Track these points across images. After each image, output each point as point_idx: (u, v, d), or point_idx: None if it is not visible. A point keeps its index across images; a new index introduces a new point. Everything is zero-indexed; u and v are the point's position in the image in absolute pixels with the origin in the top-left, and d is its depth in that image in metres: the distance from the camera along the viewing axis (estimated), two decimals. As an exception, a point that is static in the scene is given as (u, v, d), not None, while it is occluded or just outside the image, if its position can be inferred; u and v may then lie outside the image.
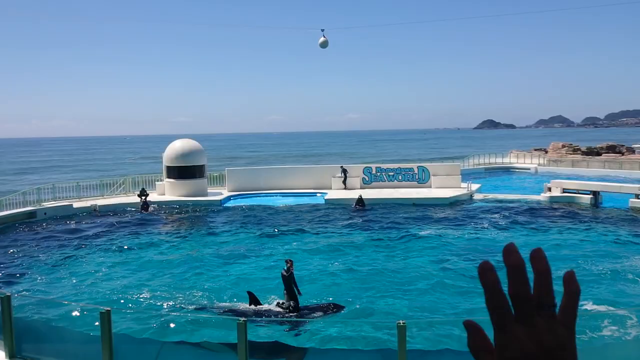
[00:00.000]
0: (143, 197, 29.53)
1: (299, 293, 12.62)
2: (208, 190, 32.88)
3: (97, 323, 7.99)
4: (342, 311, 12.72)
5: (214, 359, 8.63)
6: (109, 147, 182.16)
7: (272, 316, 12.44)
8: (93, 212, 28.10)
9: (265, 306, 13.00)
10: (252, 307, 12.83)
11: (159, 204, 29.95)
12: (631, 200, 26.13)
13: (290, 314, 12.35)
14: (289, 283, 12.48)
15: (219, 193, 32.59)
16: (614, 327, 10.80)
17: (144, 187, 31.73)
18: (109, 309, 7.50)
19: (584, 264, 16.14)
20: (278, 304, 12.83)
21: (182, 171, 31.74)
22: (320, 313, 12.64)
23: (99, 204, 29.20)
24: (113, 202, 29.85)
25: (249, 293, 13.13)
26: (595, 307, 12.17)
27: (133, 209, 28.72)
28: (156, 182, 33.20)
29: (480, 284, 0.79)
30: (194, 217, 27.06)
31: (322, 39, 27.25)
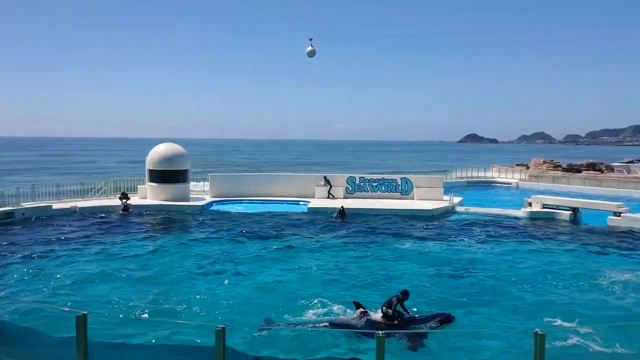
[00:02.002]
0: (124, 200, 29.27)
1: (407, 312, 12.38)
2: (190, 196, 32.71)
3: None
4: (451, 322, 12.37)
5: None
6: (89, 150, 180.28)
7: (383, 327, 11.74)
8: (73, 214, 27.78)
9: (372, 316, 12.38)
10: (355, 318, 12.34)
11: (141, 207, 29.70)
12: (609, 217, 26.52)
13: (397, 324, 11.94)
14: (397, 304, 12.18)
15: (201, 198, 32.42)
16: (580, 343, 10.93)
17: (125, 190, 31.50)
18: (85, 312, 7.39)
19: (560, 279, 16.32)
20: (384, 316, 12.22)
21: (165, 175, 31.53)
22: (431, 324, 12.19)
23: (79, 205, 28.89)
24: (93, 205, 29.52)
25: (356, 303, 12.71)
26: (564, 323, 12.31)
27: (114, 212, 28.50)
28: (138, 186, 32.92)
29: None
30: (175, 221, 26.84)
31: (309, 48, 27.37)
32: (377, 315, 12.36)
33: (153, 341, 10.87)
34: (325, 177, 33.66)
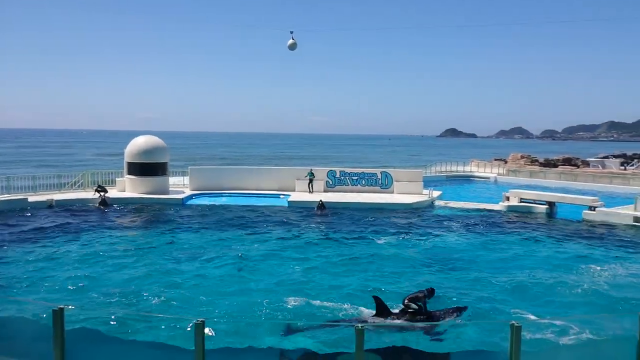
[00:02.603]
0: (102, 193, 28.94)
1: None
2: (170, 189, 32.46)
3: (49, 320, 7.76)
4: (465, 312, 12.60)
5: (170, 358, 8.48)
6: (67, 142, 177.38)
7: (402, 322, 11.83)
8: (49, 207, 27.37)
9: (394, 312, 12.26)
10: (375, 317, 12.10)
11: (119, 200, 29.37)
12: (584, 212, 27.02)
13: (419, 319, 11.91)
14: (421, 300, 12.21)
15: (180, 192, 32.19)
16: (554, 334, 11.15)
17: (102, 183, 31.15)
18: (62, 306, 7.30)
19: (536, 272, 16.60)
20: (405, 310, 12.17)
21: (144, 168, 31.22)
22: (451, 316, 12.38)
23: (55, 198, 28.46)
24: (70, 197, 29.12)
25: (375, 298, 12.40)
26: (539, 316, 12.52)
27: (91, 204, 28.19)
28: (117, 179, 32.56)
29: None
30: (154, 215, 26.60)
31: (290, 40, 27.25)
32: (396, 311, 12.29)
33: (130, 333, 10.80)
34: (310, 170, 33.54)
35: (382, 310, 12.12)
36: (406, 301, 12.20)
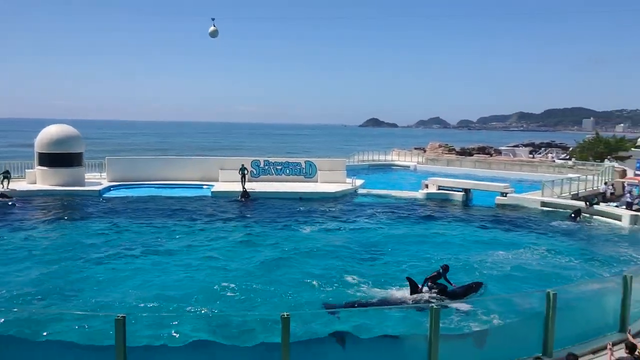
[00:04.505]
0: (5, 183, 27.47)
1: (451, 284, 13.71)
2: (86, 180, 31.01)
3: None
4: (482, 288, 13.75)
5: (84, 358, 8.14)
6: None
7: (430, 300, 12.84)
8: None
9: (424, 291, 13.44)
10: (411, 295, 13.28)
11: (28, 193, 27.70)
12: (497, 198, 28.55)
13: (443, 298, 13.12)
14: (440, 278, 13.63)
15: (98, 183, 30.83)
16: (462, 315, 11.76)
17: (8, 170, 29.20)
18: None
19: (453, 255, 17.38)
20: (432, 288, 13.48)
21: (57, 159, 29.61)
22: (470, 293, 13.55)
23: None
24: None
25: (409, 279, 13.54)
26: (449, 300, 13.11)
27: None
28: (26, 170, 30.67)
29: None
30: (68, 208, 25.27)
31: (212, 28, 26.68)
32: (425, 290, 13.54)
33: (44, 334, 10.28)
34: (243, 165, 31.49)
35: (415, 289, 13.38)
36: (430, 282, 13.56)
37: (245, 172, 30.82)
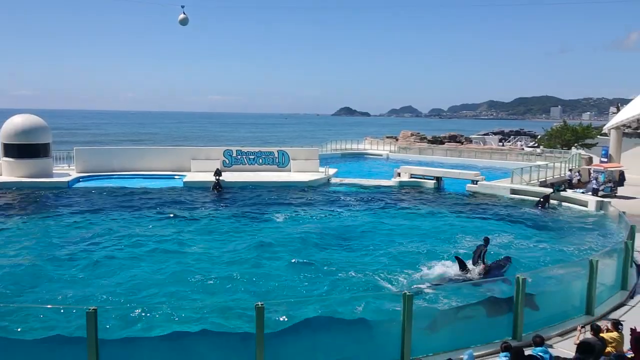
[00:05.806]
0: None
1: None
2: (54, 171, 30.35)
3: None
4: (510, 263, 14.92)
5: (60, 350, 8.05)
6: None
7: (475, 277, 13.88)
8: None
9: (470, 269, 14.37)
10: (462, 272, 14.18)
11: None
12: (468, 185, 28.98)
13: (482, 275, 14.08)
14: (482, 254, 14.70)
15: (66, 174, 30.21)
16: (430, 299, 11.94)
17: None
18: None
19: (426, 241, 17.63)
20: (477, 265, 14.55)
21: (23, 150, 28.88)
22: (502, 269, 14.61)
23: None
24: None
25: (457, 258, 14.57)
26: (424, 285, 13.30)
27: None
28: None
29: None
30: (35, 200, 24.69)
31: (181, 15, 26.23)
32: (471, 265, 14.58)
33: (19, 330, 10.11)
34: (217, 169, 29.94)
35: (464, 266, 14.32)
36: (476, 257, 14.73)
37: (220, 175, 29.20)
